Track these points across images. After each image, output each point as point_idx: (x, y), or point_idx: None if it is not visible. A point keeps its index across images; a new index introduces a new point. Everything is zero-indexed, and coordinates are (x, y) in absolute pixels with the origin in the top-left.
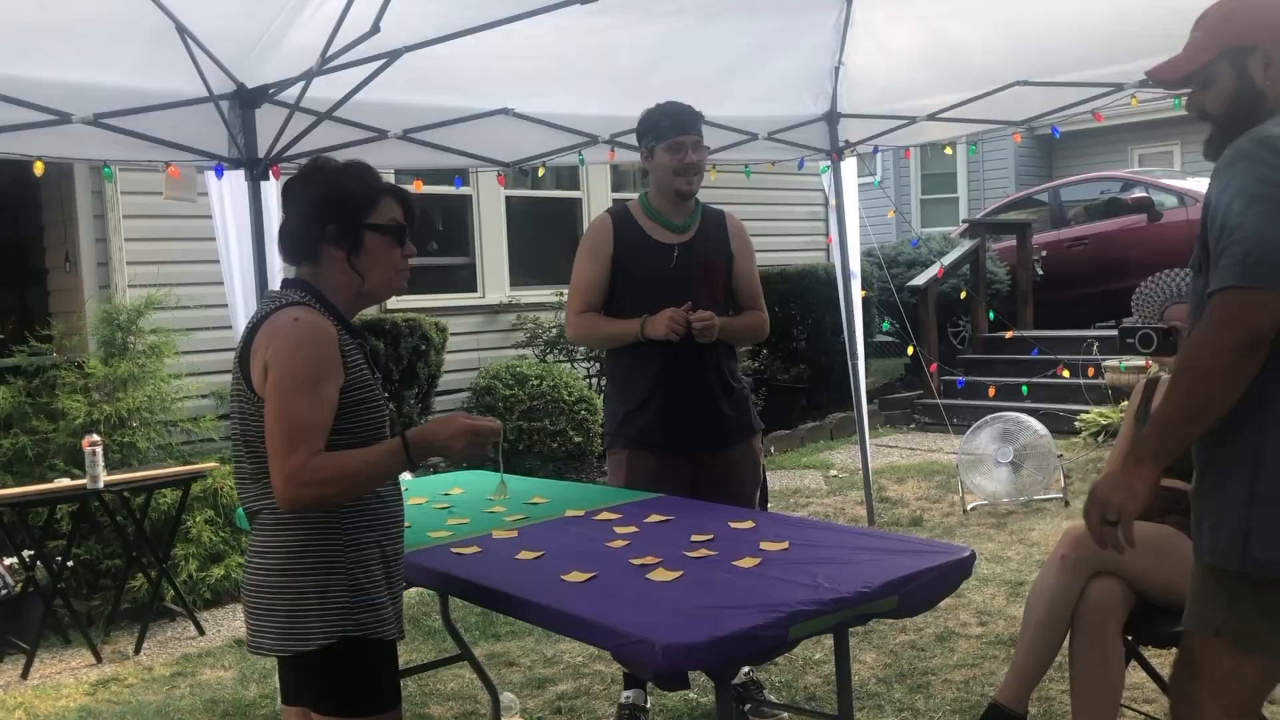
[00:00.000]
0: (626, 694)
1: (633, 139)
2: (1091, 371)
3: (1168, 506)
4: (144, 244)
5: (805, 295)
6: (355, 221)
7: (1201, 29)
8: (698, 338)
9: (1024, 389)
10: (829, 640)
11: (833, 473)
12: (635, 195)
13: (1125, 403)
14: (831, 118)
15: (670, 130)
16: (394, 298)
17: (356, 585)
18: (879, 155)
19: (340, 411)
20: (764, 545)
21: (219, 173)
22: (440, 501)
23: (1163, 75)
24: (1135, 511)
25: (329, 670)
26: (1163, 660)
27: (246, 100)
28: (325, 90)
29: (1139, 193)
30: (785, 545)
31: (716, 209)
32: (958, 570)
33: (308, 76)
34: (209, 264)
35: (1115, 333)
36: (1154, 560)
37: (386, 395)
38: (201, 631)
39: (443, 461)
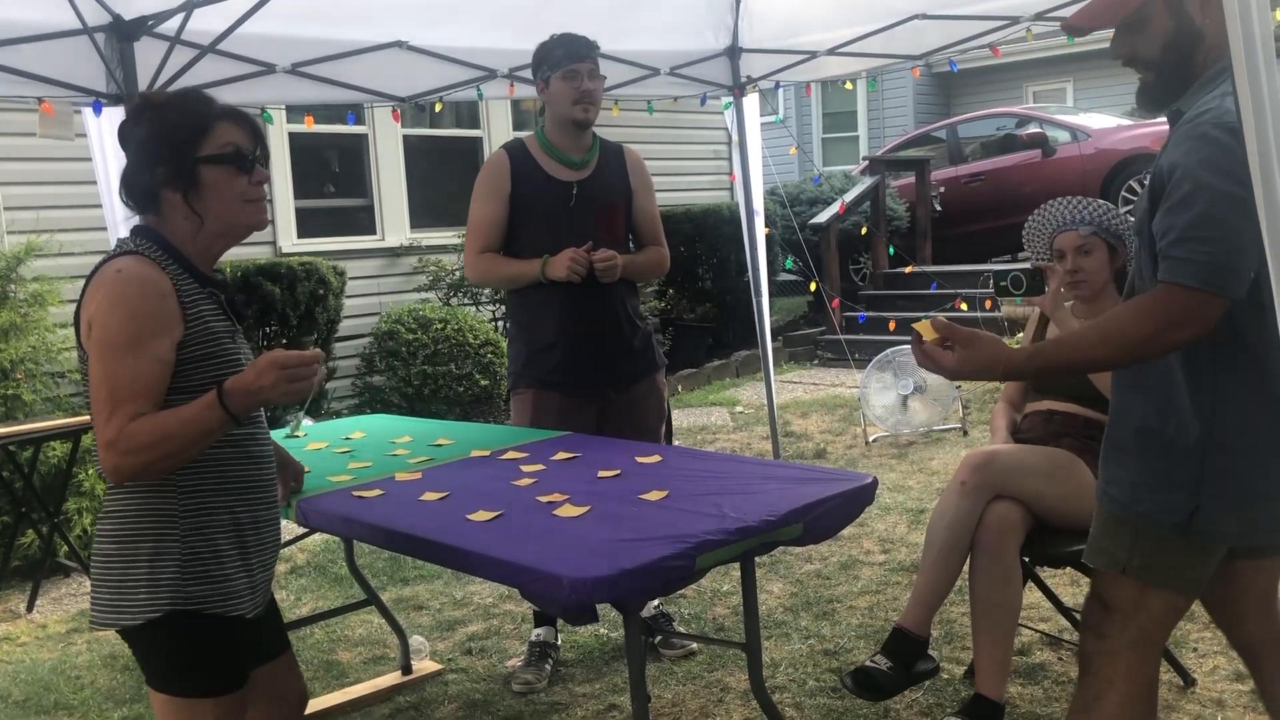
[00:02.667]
0: (537, 631)
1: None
2: (989, 304)
3: (1061, 431)
4: (21, 188)
5: (710, 234)
6: (185, 157)
7: None
8: (600, 278)
9: None
10: (737, 572)
11: (739, 409)
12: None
13: (1021, 334)
14: (733, 52)
15: (565, 58)
16: (290, 241)
17: (192, 555)
18: (780, 91)
19: (180, 369)
20: (642, 496)
21: (97, 109)
22: (341, 446)
23: (1089, 22)
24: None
25: (157, 642)
26: (1057, 580)
27: (124, 32)
28: (208, 22)
29: (1034, 129)
30: (665, 493)
31: (614, 143)
32: (860, 497)
33: (188, 7)
34: (92, 208)
35: (1009, 268)
36: (1050, 484)
37: (270, 344)
38: None
39: (280, 405)
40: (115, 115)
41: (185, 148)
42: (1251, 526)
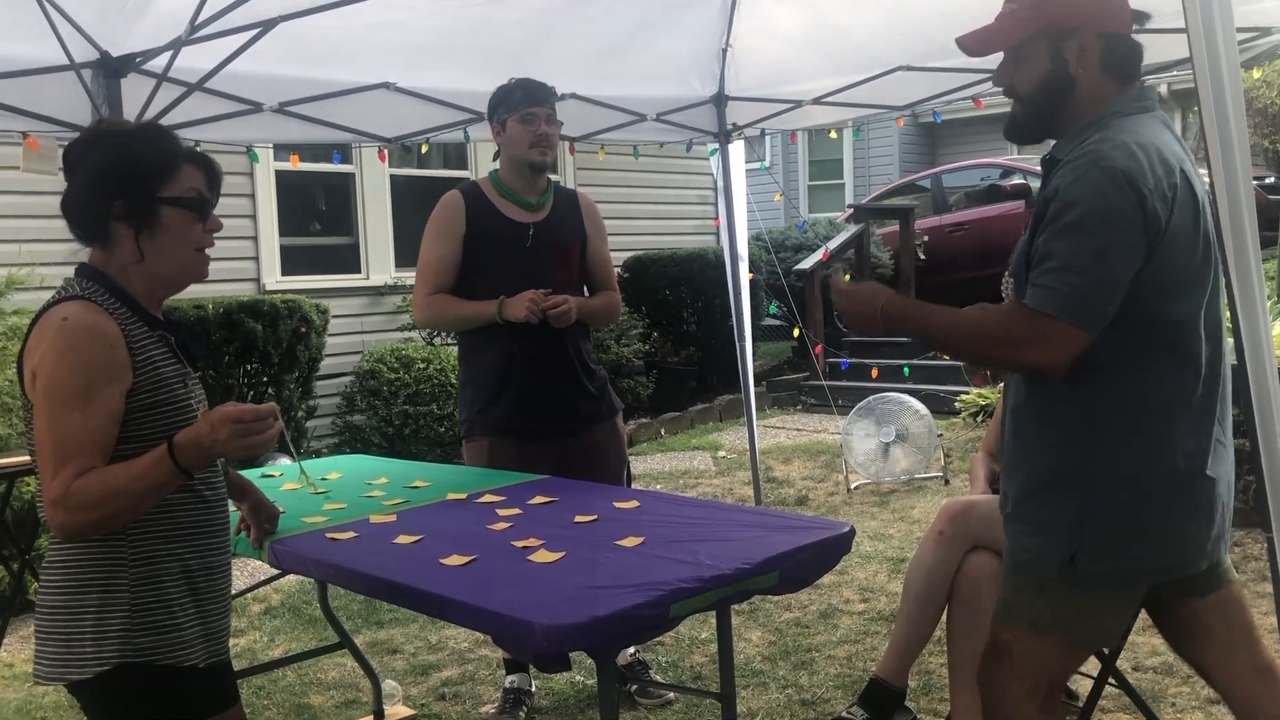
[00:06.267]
0: (511, 678)
1: None
2: None
3: None
4: (4, 221)
5: (695, 278)
6: (148, 194)
7: (1019, 1)
8: (554, 323)
9: (906, 370)
10: (715, 620)
11: (721, 454)
12: None
13: (1003, 384)
14: (719, 100)
15: (523, 101)
16: (274, 278)
17: (139, 606)
18: (767, 139)
19: (129, 417)
20: (618, 543)
21: None
22: (317, 486)
23: (976, 45)
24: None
25: (106, 697)
26: None
27: (111, 69)
28: (196, 60)
29: (1017, 179)
30: (641, 540)
31: (568, 188)
32: (837, 545)
33: (176, 45)
34: (74, 242)
35: None
36: None
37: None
38: None
39: (237, 459)
40: None
41: (150, 184)
42: (1140, 562)
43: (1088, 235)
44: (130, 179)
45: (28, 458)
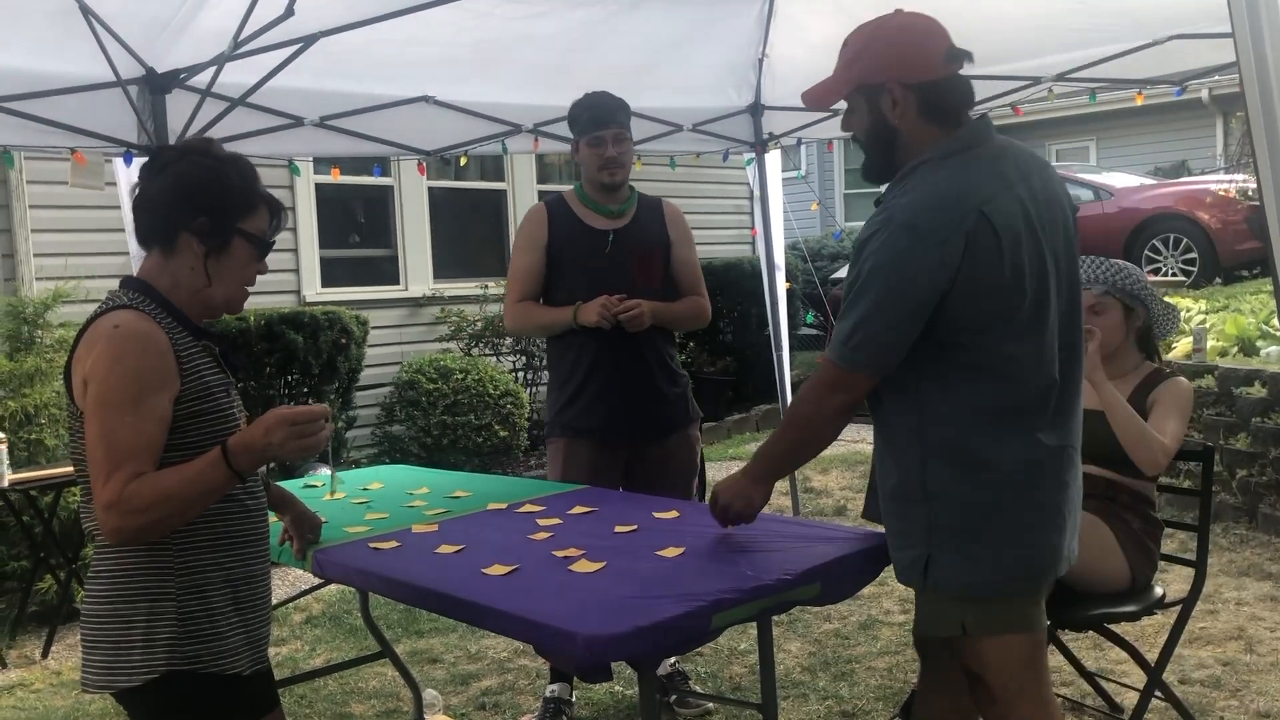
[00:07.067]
0: (552, 688)
1: (557, 129)
2: None
3: (1086, 492)
4: (51, 235)
5: (731, 288)
6: (229, 221)
7: (842, 58)
8: (627, 327)
9: None
10: (754, 630)
11: None
12: (561, 188)
13: None
14: (755, 110)
15: (589, 125)
16: (314, 290)
17: (185, 614)
18: (803, 148)
19: (176, 424)
20: (659, 553)
21: (128, 160)
22: (358, 496)
23: (811, 100)
24: (754, 516)
25: (154, 704)
26: (1079, 644)
27: (156, 85)
28: (238, 75)
29: None
30: (682, 550)
31: (653, 196)
32: (880, 556)
33: (220, 61)
34: (119, 256)
35: None
36: None
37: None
38: None
39: (290, 461)
40: None
41: (232, 212)
42: (990, 573)
43: (871, 290)
44: (218, 202)
45: (72, 469)
